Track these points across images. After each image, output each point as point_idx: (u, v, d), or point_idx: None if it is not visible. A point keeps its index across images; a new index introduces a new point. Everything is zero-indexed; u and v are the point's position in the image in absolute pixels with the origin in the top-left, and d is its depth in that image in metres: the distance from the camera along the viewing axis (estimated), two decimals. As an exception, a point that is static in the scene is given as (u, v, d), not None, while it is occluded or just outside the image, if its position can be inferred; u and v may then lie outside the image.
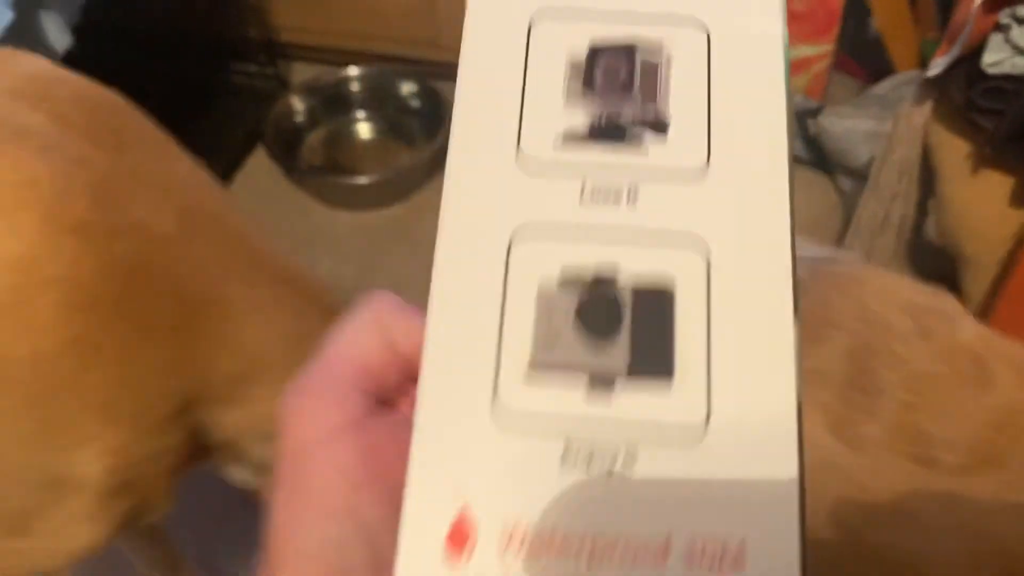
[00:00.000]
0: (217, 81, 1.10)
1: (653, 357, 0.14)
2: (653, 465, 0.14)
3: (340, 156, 1.07)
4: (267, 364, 0.46)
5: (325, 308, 0.51)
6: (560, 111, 0.15)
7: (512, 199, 0.15)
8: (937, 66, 0.68)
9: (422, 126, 1.04)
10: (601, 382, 0.14)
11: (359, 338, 0.17)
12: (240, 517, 0.58)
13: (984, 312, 0.72)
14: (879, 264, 0.80)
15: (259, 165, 1.05)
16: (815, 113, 0.97)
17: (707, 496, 0.13)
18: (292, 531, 0.16)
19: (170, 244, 0.43)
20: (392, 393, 0.17)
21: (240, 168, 1.06)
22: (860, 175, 0.86)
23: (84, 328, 0.38)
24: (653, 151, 0.15)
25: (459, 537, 0.13)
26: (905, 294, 0.44)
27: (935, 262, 0.78)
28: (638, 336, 0.14)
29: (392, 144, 1.07)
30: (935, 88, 0.70)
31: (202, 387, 0.44)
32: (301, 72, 1.13)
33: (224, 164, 1.04)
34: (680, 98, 0.15)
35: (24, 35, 0.71)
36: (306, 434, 0.16)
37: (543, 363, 0.14)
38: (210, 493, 0.65)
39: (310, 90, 1.08)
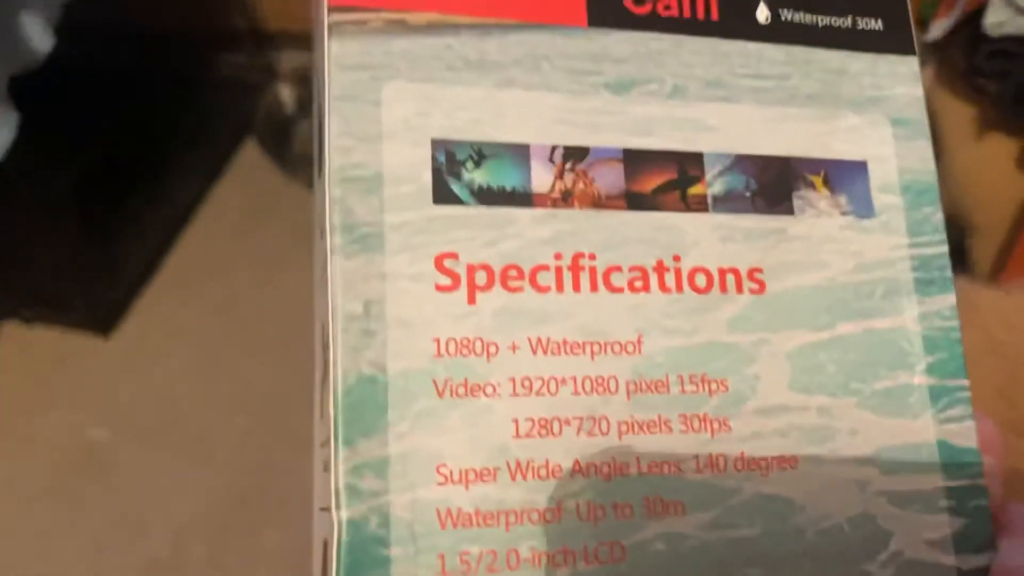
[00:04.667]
0: (205, 74, 1.08)
1: None
2: None
3: (333, 145, 1.06)
4: None
5: None
6: None
7: None
8: (937, 29, 0.67)
9: (414, 111, 1.03)
10: None
11: None
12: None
13: (993, 278, 0.71)
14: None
15: (251, 158, 1.04)
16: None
17: None
18: None
19: None
20: None
21: (232, 160, 1.05)
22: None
23: None
24: None
25: None
26: None
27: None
28: None
29: (385, 130, 1.06)
30: (936, 53, 0.69)
31: None
32: (289, 61, 1.11)
33: (215, 157, 1.03)
34: None
35: (5, 38, 0.70)
36: None
37: None
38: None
39: (299, 78, 1.06)
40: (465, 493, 0.16)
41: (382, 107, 0.17)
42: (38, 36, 0.72)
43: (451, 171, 0.17)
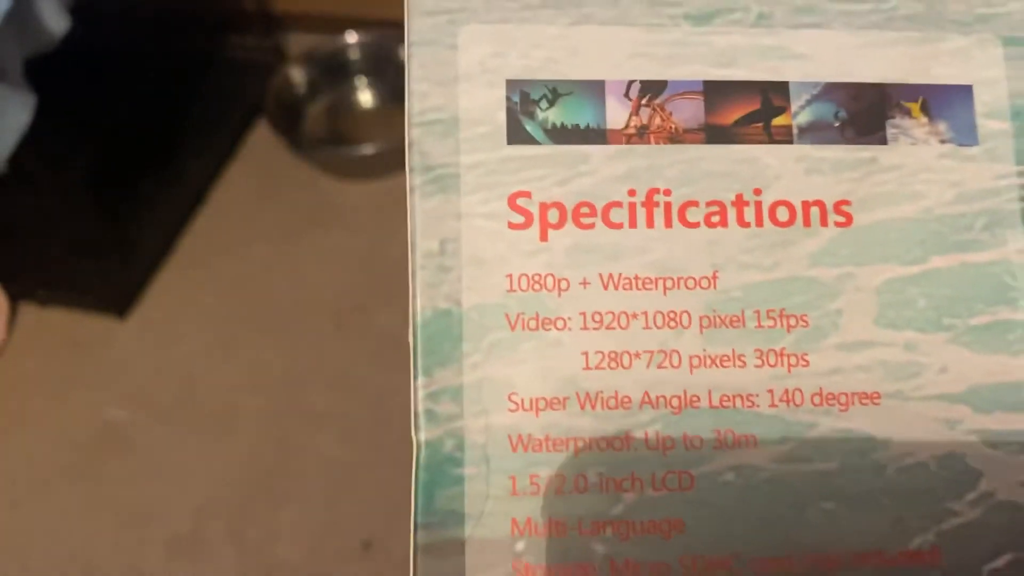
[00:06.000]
0: (215, 56, 1.08)
1: None
2: None
3: (343, 126, 1.06)
4: None
5: None
6: None
7: None
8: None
9: (425, 91, 1.03)
10: None
11: None
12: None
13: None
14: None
15: (262, 140, 1.05)
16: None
17: None
18: None
19: None
20: None
21: (243, 144, 1.05)
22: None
23: None
24: None
25: None
26: None
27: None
28: None
29: (396, 111, 1.05)
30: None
31: None
32: (299, 42, 1.11)
33: (226, 140, 1.03)
34: None
35: (22, 21, 0.70)
36: None
37: None
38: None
39: (309, 60, 1.06)
40: (535, 420, 0.16)
41: (458, 50, 0.17)
42: (53, 18, 0.73)
43: (525, 111, 0.17)
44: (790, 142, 0.17)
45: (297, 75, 1.05)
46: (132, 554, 0.74)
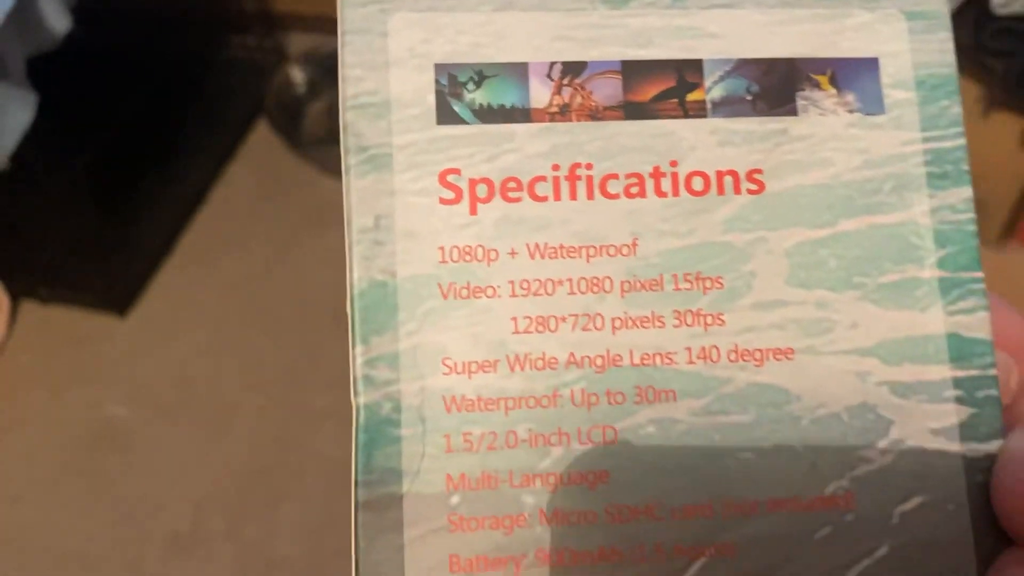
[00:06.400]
0: (216, 56, 1.09)
1: None
2: None
3: (343, 126, 1.06)
4: None
5: None
6: None
7: None
8: (944, 8, 0.67)
9: (424, 92, 1.04)
10: None
11: None
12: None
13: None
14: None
15: (262, 139, 1.05)
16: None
17: None
18: None
19: None
20: None
21: (243, 143, 1.05)
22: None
23: None
24: None
25: None
26: None
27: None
28: None
29: (395, 111, 1.06)
30: (943, 30, 0.70)
31: None
32: (299, 42, 1.12)
33: (227, 140, 1.04)
34: None
35: (24, 20, 0.71)
36: None
37: None
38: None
39: (310, 60, 1.07)
40: (468, 382, 0.17)
41: (389, 37, 0.18)
42: (56, 18, 0.73)
43: (453, 93, 0.18)
44: (704, 116, 0.18)
45: (297, 75, 1.05)
46: (131, 550, 0.75)
